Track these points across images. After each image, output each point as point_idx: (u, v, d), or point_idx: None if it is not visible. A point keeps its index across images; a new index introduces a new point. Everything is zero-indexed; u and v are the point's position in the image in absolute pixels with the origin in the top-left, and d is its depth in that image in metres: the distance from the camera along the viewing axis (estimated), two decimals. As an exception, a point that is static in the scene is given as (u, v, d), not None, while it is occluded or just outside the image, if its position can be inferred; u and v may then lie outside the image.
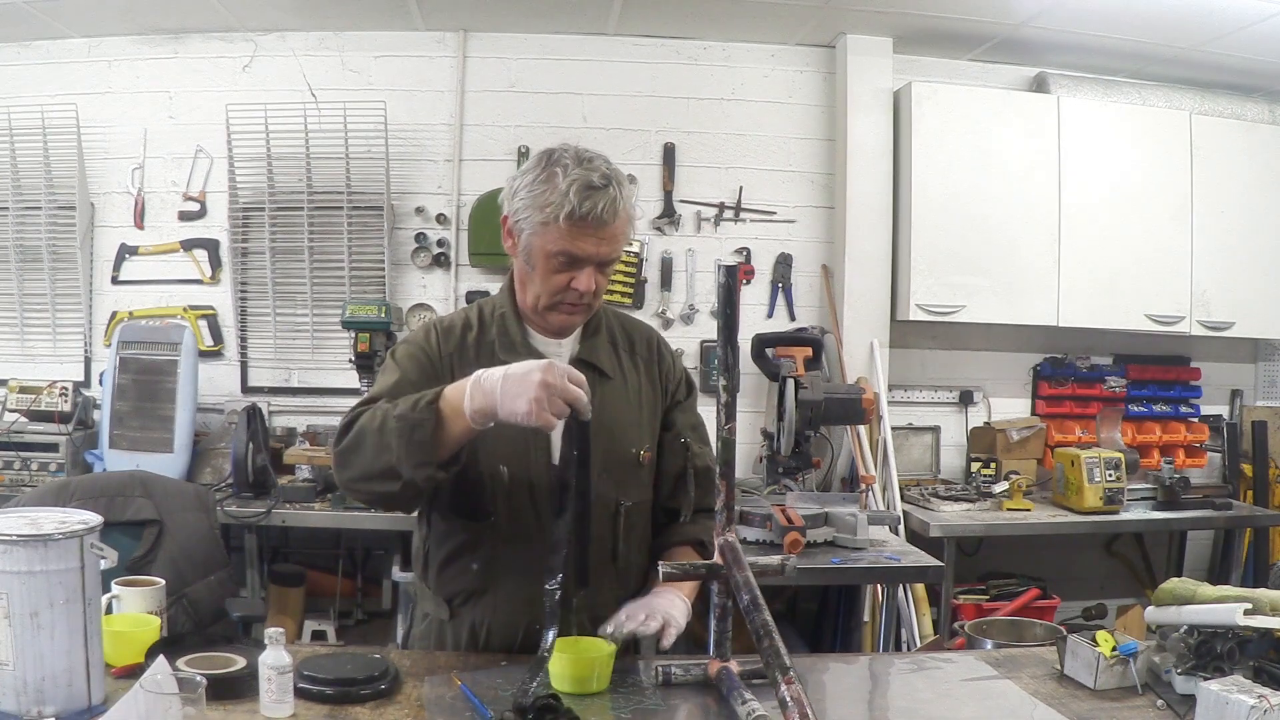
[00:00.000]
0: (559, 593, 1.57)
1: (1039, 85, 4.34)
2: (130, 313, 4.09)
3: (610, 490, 1.74)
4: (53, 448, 3.63)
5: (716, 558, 1.56)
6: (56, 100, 3.98)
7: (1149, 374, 4.57)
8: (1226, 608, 1.57)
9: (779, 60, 4.32)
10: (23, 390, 3.75)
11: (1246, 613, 1.54)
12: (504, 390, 1.49)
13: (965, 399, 4.47)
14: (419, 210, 4.18)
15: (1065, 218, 4.10)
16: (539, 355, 1.74)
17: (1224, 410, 4.70)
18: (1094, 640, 1.67)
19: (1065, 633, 1.80)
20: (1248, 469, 4.48)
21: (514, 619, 1.73)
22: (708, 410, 1.80)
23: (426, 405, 1.53)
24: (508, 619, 1.73)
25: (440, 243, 4.19)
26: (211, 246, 4.16)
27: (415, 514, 1.86)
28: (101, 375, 3.85)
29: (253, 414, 3.62)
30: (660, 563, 1.54)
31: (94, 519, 1.44)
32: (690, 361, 4.24)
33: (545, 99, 4.21)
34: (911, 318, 4.08)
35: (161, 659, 1.32)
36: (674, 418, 1.88)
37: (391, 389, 1.68)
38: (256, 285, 4.15)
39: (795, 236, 4.33)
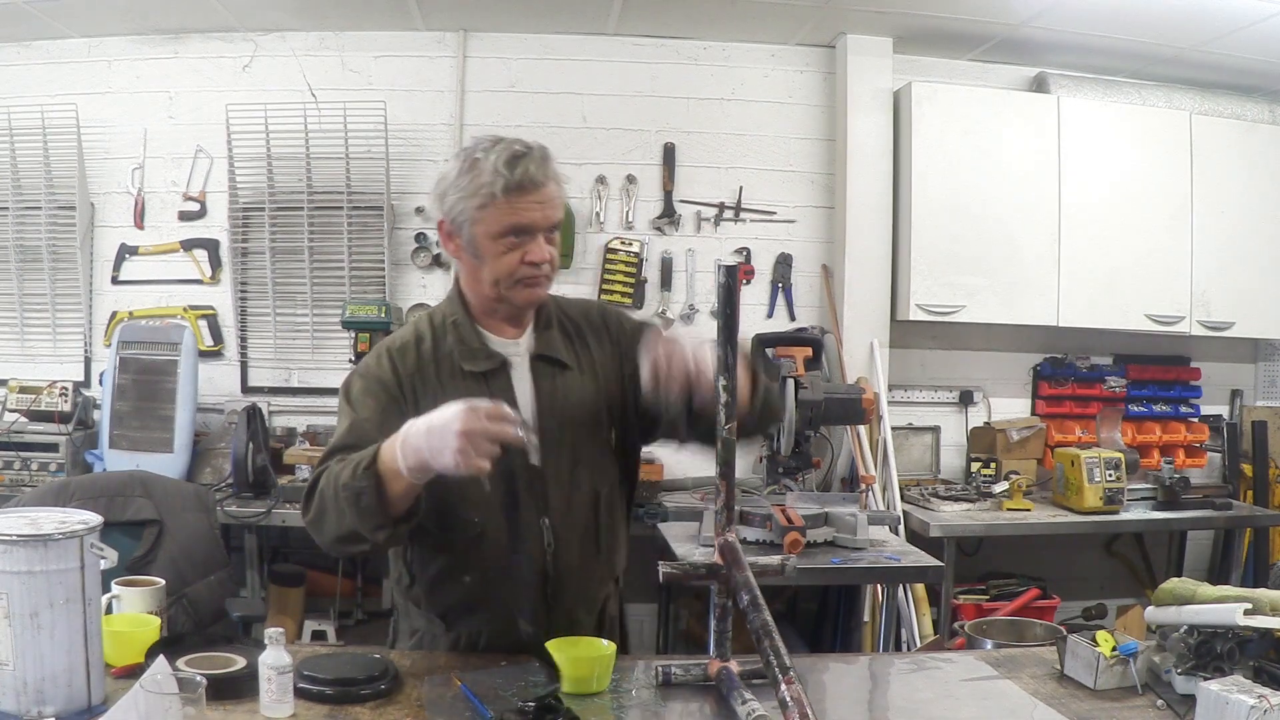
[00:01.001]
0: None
1: (1039, 85, 4.34)
2: (130, 313, 4.08)
3: (584, 480, 1.74)
4: (53, 448, 3.63)
5: (716, 557, 1.56)
6: (56, 100, 3.98)
7: (1149, 374, 4.57)
8: (1226, 608, 1.57)
9: (779, 60, 4.32)
10: (23, 390, 3.74)
11: (1246, 613, 1.54)
12: (429, 446, 1.45)
13: (965, 399, 4.47)
14: (419, 210, 4.18)
15: (1065, 218, 4.10)
16: (499, 357, 1.74)
17: (1224, 410, 4.70)
18: (1094, 640, 1.67)
19: (1065, 633, 1.80)
20: (1248, 469, 4.47)
21: (510, 626, 1.73)
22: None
23: (364, 471, 1.51)
24: (504, 626, 1.73)
25: (440, 243, 4.18)
26: (211, 246, 4.16)
27: None
28: (101, 375, 3.85)
29: (253, 414, 3.62)
30: (660, 563, 1.53)
31: (94, 519, 1.44)
32: (690, 361, 4.24)
33: (545, 99, 4.21)
34: (911, 318, 4.08)
35: (161, 659, 1.33)
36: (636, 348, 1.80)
37: (347, 435, 1.67)
38: (256, 285, 4.15)
39: (795, 236, 4.33)
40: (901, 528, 3.59)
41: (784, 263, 4.31)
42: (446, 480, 1.51)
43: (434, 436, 1.45)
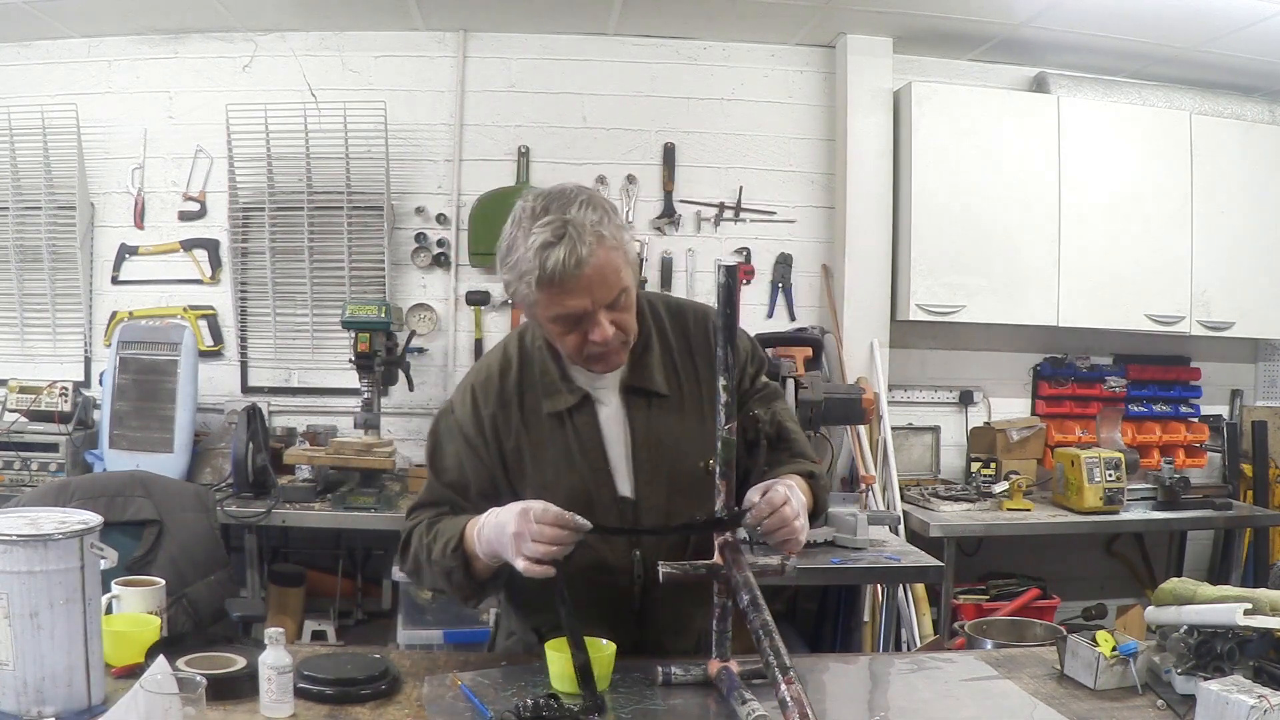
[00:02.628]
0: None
1: (1039, 85, 4.34)
2: (130, 313, 4.08)
3: (682, 509, 1.67)
4: (53, 448, 3.63)
5: (716, 557, 1.56)
6: (56, 100, 3.98)
7: (1149, 374, 4.57)
8: (1226, 608, 1.57)
9: (779, 60, 4.32)
10: (23, 390, 3.74)
11: (1246, 613, 1.54)
12: (497, 541, 1.54)
13: (965, 399, 4.47)
14: (419, 210, 4.18)
15: (1065, 218, 4.10)
16: (581, 390, 1.69)
17: (1224, 410, 4.70)
18: (1094, 640, 1.67)
19: (1065, 633, 1.80)
20: (1248, 469, 4.48)
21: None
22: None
23: (453, 552, 1.62)
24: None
25: (440, 243, 4.19)
26: (211, 246, 4.16)
27: None
28: (101, 375, 3.85)
29: (253, 414, 3.61)
30: (660, 563, 1.53)
31: (94, 519, 1.44)
32: (690, 361, 4.25)
33: (545, 99, 4.21)
34: (911, 318, 4.08)
35: (161, 659, 1.33)
36: (744, 401, 1.77)
37: (426, 494, 1.77)
38: (256, 285, 4.15)
39: (795, 236, 4.33)
40: (901, 528, 3.59)
41: (784, 263, 4.31)
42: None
43: (499, 532, 1.53)
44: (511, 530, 1.49)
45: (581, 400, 1.69)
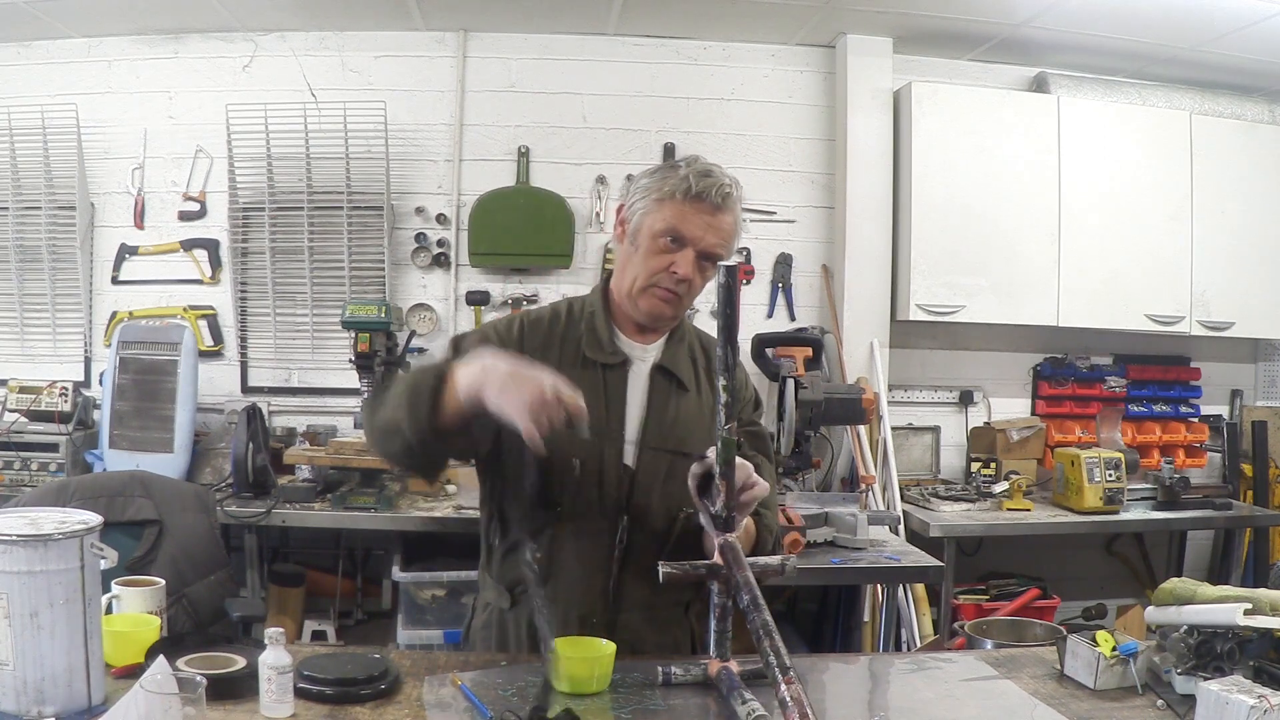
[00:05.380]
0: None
1: (1039, 85, 4.34)
2: (130, 313, 4.09)
3: (675, 493, 1.72)
4: (53, 448, 3.63)
5: (716, 557, 1.56)
6: (56, 100, 3.98)
7: (1149, 374, 4.57)
8: (1226, 608, 1.57)
9: (779, 60, 4.32)
10: (23, 390, 3.74)
11: (1246, 613, 1.54)
12: (503, 382, 1.48)
13: (965, 399, 4.47)
14: (419, 210, 4.19)
15: (1065, 218, 4.10)
16: (624, 356, 1.80)
17: (1224, 410, 4.70)
18: (1094, 640, 1.67)
19: (1065, 633, 1.80)
20: (1248, 469, 4.48)
21: (569, 608, 1.73)
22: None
23: (435, 368, 1.59)
24: (564, 609, 1.73)
25: (440, 243, 4.19)
26: (211, 246, 4.16)
27: (477, 506, 1.92)
28: (101, 375, 3.85)
29: (253, 414, 3.61)
30: (660, 563, 1.53)
31: (94, 519, 1.43)
32: (690, 361, 4.25)
33: (545, 99, 4.21)
34: (911, 318, 4.08)
35: (161, 659, 1.32)
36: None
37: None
38: (256, 285, 4.15)
39: (795, 236, 4.33)
40: (901, 528, 3.59)
41: (784, 263, 4.32)
42: (545, 461, 1.61)
43: (515, 379, 1.47)
44: (542, 383, 1.46)
45: (620, 364, 1.80)
